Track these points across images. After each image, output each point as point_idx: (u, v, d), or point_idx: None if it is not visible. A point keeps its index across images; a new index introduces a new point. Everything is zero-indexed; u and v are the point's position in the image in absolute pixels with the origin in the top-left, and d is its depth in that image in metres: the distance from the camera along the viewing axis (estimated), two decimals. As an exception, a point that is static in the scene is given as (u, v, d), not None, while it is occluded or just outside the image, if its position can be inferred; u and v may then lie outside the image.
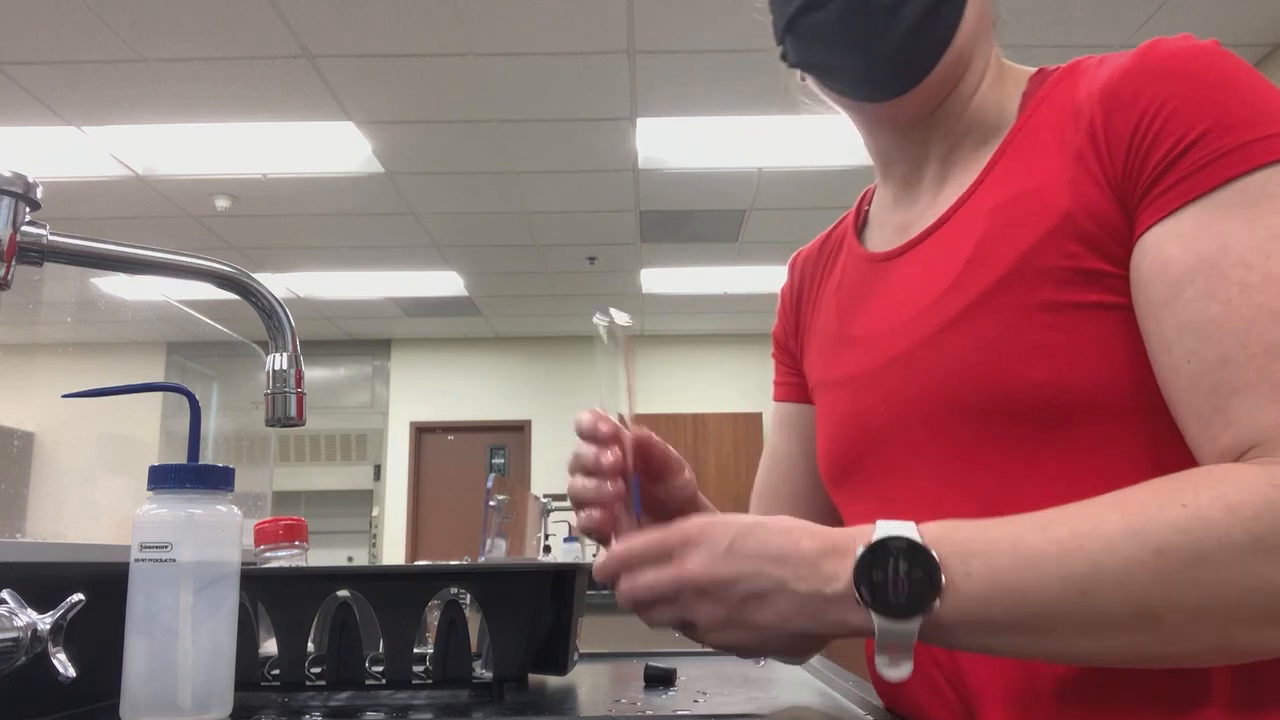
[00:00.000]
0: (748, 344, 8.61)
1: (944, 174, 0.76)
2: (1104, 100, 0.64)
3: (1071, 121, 0.66)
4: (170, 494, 0.67)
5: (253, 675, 0.90)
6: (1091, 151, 0.64)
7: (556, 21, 3.67)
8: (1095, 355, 0.62)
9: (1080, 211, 0.63)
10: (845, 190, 5.33)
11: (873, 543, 0.55)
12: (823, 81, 0.77)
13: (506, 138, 4.67)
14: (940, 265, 0.71)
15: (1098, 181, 0.63)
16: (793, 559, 0.57)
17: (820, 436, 0.82)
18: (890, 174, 0.81)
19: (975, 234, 0.69)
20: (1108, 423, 0.62)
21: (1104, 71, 0.65)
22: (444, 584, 0.92)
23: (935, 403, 0.69)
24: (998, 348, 0.65)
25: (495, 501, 1.05)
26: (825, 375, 0.82)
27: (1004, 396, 0.64)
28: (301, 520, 1.04)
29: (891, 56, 0.70)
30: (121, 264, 0.75)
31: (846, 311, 0.81)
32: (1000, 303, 0.65)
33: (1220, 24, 3.62)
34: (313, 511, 7.38)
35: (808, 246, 0.93)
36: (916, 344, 0.71)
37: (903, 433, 0.71)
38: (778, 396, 0.95)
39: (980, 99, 0.74)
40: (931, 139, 0.76)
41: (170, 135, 4.58)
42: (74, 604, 0.68)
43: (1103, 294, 0.62)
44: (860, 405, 0.76)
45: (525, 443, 8.55)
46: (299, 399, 0.80)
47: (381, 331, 8.57)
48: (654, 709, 0.85)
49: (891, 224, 0.80)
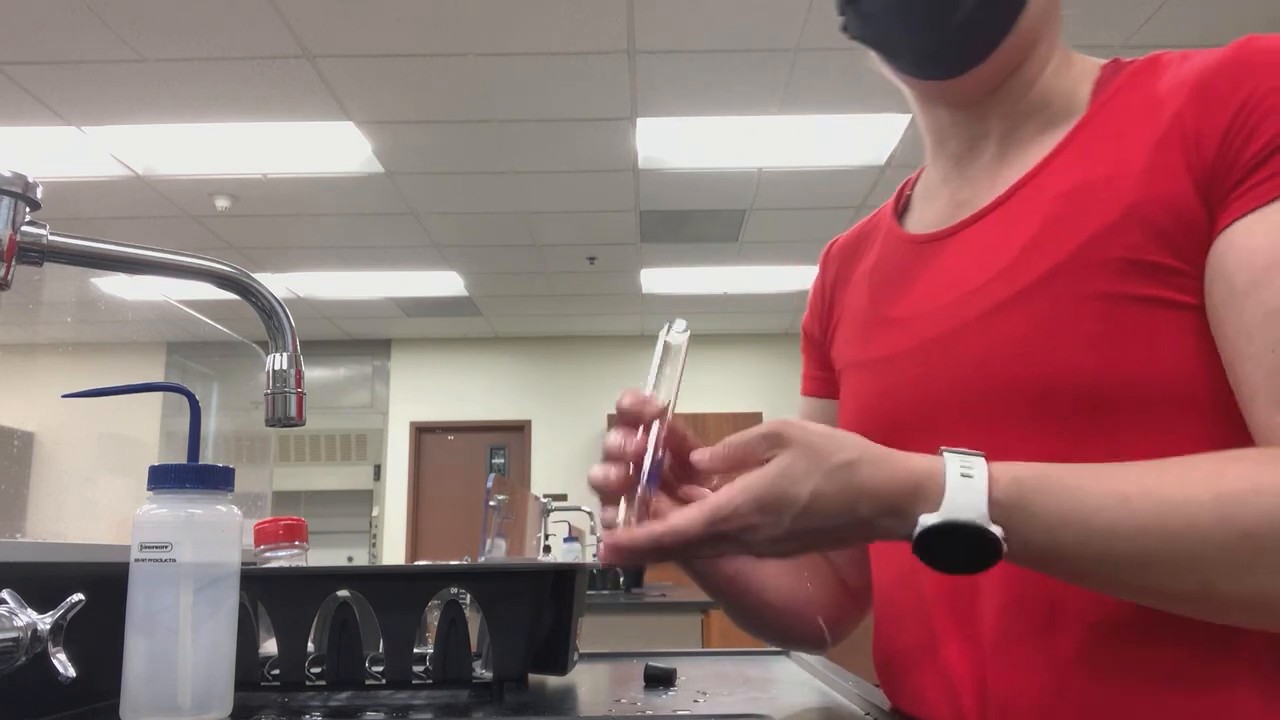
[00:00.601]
0: (748, 344, 8.61)
1: (1003, 155, 0.74)
2: (1196, 92, 0.63)
3: (1151, 112, 0.65)
4: (170, 494, 0.67)
5: (253, 675, 0.90)
6: (1178, 141, 0.62)
7: (556, 21, 3.67)
8: (1148, 350, 0.61)
9: (1151, 202, 0.62)
10: (845, 190, 5.35)
11: (937, 524, 0.55)
12: (882, 55, 0.75)
13: (506, 138, 4.67)
14: (993, 248, 0.70)
15: (1178, 172, 0.62)
16: (849, 525, 0.57)
17: (844, 417, 0.81)
18: (942, 151, 0.79)
19: (1037, 218, 0.67)
20: (1149, 419, 0.61)
21: (1193, 65, 0.65)
22: (444, 584, 0.92)
23: (970, 387, 0.68)
24: (1044, 335, 0.64)
25: (495, 501, 1.05)
26: (855, 356, 0.81)
27: (1043, 385, 0.64)
28: (301, 520, 1.04)
29: (953, 34, 0.69)
30: (121, 264, 0.75)
31: (882, 293, 0.80)
32: (1053, 290, 0.64)
33: (1220, 24, 3.62)
34: (313, 511, 7.36)
35: (843, 236, 0.92)
36: (958, 326, 0.70)
37: (933, 416, 0.70)
38: (804, 390, 0.93)
39: (1046, 82, 0.73)
40: (990, 118, 0.75)
41: (170, 135, 4.58)
42: (74, 604, 0.68)
43: (1162, 289, 0.62)
44: (891, 386, 0.75)
45: (525, 443, 8.55)
46: (299, 399, 0.79)
47: (381, 331, 8.57)
48: (654, 709, 0.85)
49: (939, 204, 0.79)
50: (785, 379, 8.42)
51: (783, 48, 3.87)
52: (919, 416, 0.71)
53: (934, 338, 0.71)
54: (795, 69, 4.03)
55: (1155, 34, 3.64)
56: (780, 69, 4.04)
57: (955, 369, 0.69)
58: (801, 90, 4.20)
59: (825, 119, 4.50)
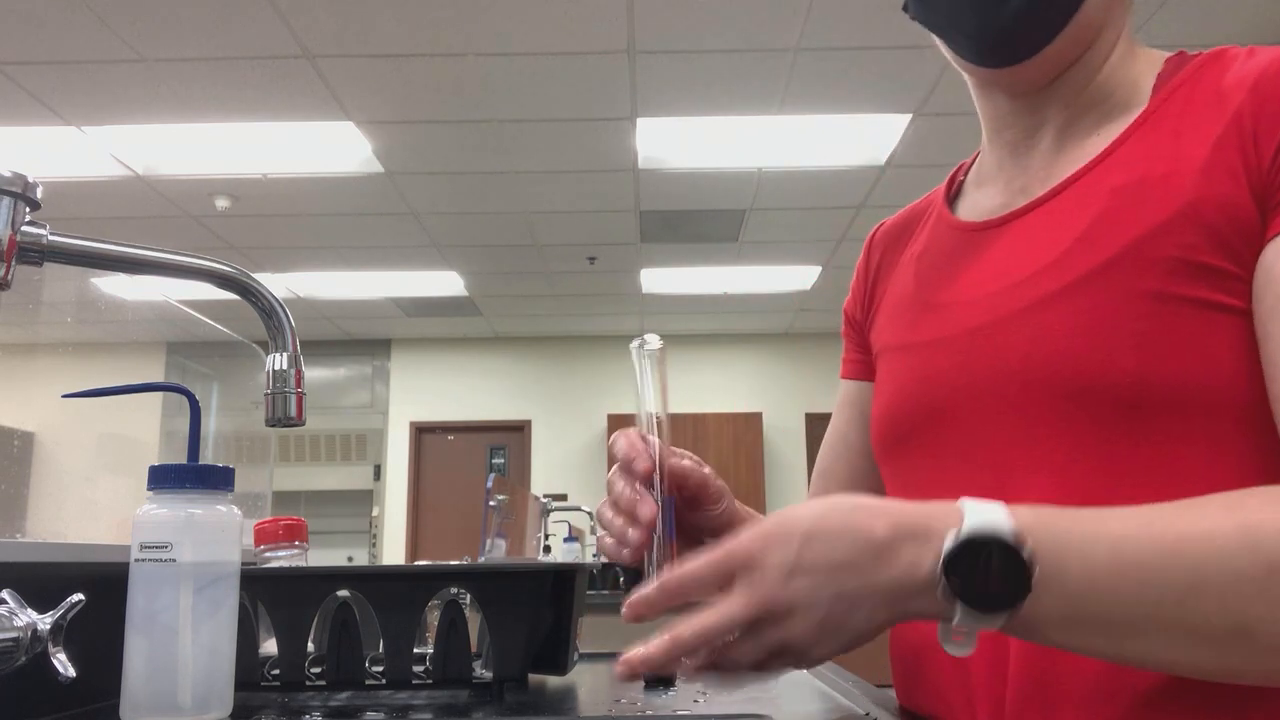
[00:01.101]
0: (748, 344, 8.60)
1: (1060, 145, 0.73)
2: (1258, 90, 0.61)
3: (1213, 109, 0.64)
4: (170, 494, 0.67)
5: (253, 675, 0.90)
6: (1236, 140, 0.61)
7: (556, 21, 3.67)
8: (1191, 352, 0.60)
9: (1207, 201, 0.61)
10: (845, 190, 5.35)
11: (964, 538, 0.51)
12: (942, 39, 0.75)
13: (506, 138, 4.67)
14: (1044, 239, 0.69)
15: (1235, 172, 0.61)
16: (868, 554, 0.52)
17: (879, 399, 0.80)
18: (999, 139, 0.78)
19: (1091, 211, 0.66)
20: (1187, 423, 0.60)
21: (1258, 61, 0.63)
22: (444, 584, 0.92)
23: (1012, 378, 0.67)
24: (1089, 331, 0.63)
25: (495, 501, 1.05)
26: (896, 339, 0.80)
27: (1083, 382, 0.62)
28: (301, 520, 1.04)
29: (1009, 24, 0.68)
30: (121, 264, 0.75)
31: (929, 278, 0.79)
32: (1102, 286, 0.63)
33: (1219, 25, 3.62)
34: (313, 511, 7.37)
35: (890, 220, 0.91)
36: (1004, 316, 0.69)
37: (971, 404, 0.69)
38: (843, 373, 0.93)
39: (1108, 73, 0.72)
40: (1049, 107, 0.74)
41: (170, 135, 4.58)
42: (74, 604, 0.68)
43: (1212, 291, 0.60)
44: (930, 371, 0.74)
45: (525, 443, 8.55)
46: (299, 399, 0.79)
47: (381, 331, 8.57)
48: (654, 709, 0.85)
49: (992, 192, 0.78)
50: (785, 379, 8.43)
51: (783, 48, 3.87)
52: (957, 404, 0.71)
53: (978, 326, 0.71)
54: (795, 69, 4.03)
55: (1154, 35, 3.64)
56: (780, 69, 4.04)
57: (997, 359, 0.68)
58: (801, 90, 4.20)
59: (825, 119, 4.50)
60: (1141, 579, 0.51)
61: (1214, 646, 0.51)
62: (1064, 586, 0.51)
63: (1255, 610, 0.50)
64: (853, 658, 1.09)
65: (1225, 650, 0.51)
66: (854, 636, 0.54)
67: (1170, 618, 0.51)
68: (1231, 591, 0.50)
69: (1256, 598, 0.50)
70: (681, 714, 0.83)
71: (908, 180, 5.17)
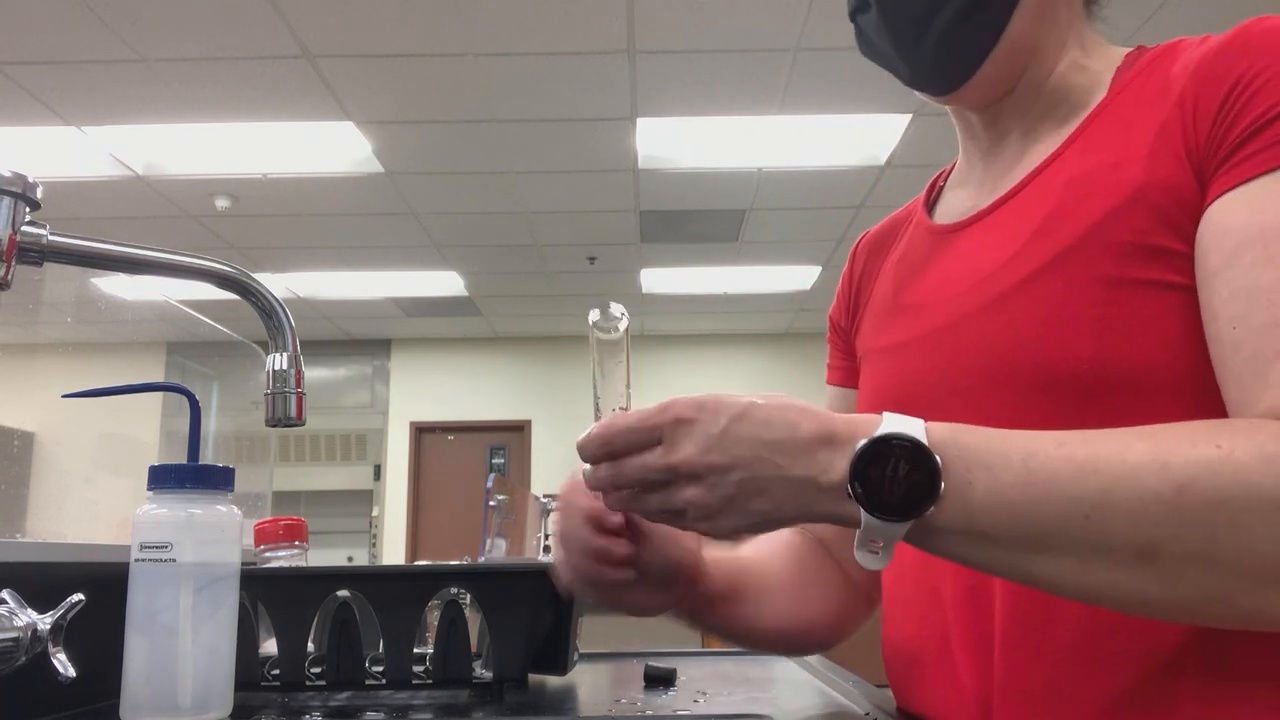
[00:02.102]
0: (748, 344, 8.60)
1: (1025, 147, 0.75)
2: (1198, 72, 0.63)
3: (1161, 95, 0.65)
4: (170, 494, 0.67)
5: (253, 675, 0.90)
6: (1177, 122, 0.62)
7: (556, 21, 3.67)
8: (1145, 334, 0.61)
9: (1155, 185, 0.62)
10: (845, 190, 5.35)
11: (875, 437, 0.53)
12: (890, 72, 0.78)
13: (506, 138, 4.67)
14: (1005, 236, 0.70)
15: (1177, 153, 0.62)
16: (789, 446, 0.55)
17: (861, 403, 0.82)
18: (971, 145, 0.81)
19: (1046, 206, 0.68)
20: (1152, 403, 0.60)
21: (1203, 47, 0.65)
22: (444, 584, 0.92)
23: (976, 372, 0.68)
24: (1048, 320, 0.64)
25: (495, 501, 1.05)
26: (874, 343, 0.82)
27: (1045, 370, 0.64)
28: (301, 520, 1.04)
29: (929, 60, 0.72)
30: (121, 264, 0.75)
31: (905, 281, 0.80)
32: (1060, 275, 0.64)
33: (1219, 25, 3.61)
34: (313, 511, 7.37)
35: (873, 229, 0.93)
36: (968, 313, 0.70)
37: (944, 401, 0.70)
38: (829, 380, 0.94)
39: (1059, 80, 0.73)
40: (1008, 119, 0.76)
41: (170, 135, 4.57)
42: (74, 604, 0.68)
43: (1165, 272, 0.61)
44: (906, 371, 0.75)
45: (525, 443, 8.55)
46: (299, 399, 0.79)
47: (381, 331, 8.57)
48: (654, 709, 0.85)
49: (965, 194, 0.80)
50: (785, 379, 8.42)
51: (783, 48, 3.87)
52: (930, 402, 0.71)
53: (946, 324, 0.72)
54: (795, 69, 4.03)
55: (1154, 34, 3.63)
56: (780, 69, 4.03)
57: (963, 355, 0.70)
58: (801, 90, 4.20)
59: (825, 119, 4.50)
60: (1049, 493, 0.52)
61: (1122, 567, 0.51)
62: (969, 497, 0.53)
63: (1162, 530, 0.50)
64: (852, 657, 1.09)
65: (1134, 573, 0.51)
66: (759, 519, 0.57)
67: (1077, 534, 0.51)
68: (1140, 510, 0.50)
69: (1164, 519, 0.50)
70: (681, 714, 0.83)
71: (908, 180, 5.16)
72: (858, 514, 0.54)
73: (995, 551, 0.54)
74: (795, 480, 0.55)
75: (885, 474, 0.53)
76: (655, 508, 0.59)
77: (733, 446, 0.56)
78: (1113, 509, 0.51)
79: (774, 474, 0.55)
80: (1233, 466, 0.50)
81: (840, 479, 0.54)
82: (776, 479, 0.55)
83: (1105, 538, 0.51)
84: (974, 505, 0.53)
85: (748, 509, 0.56)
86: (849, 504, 0.54)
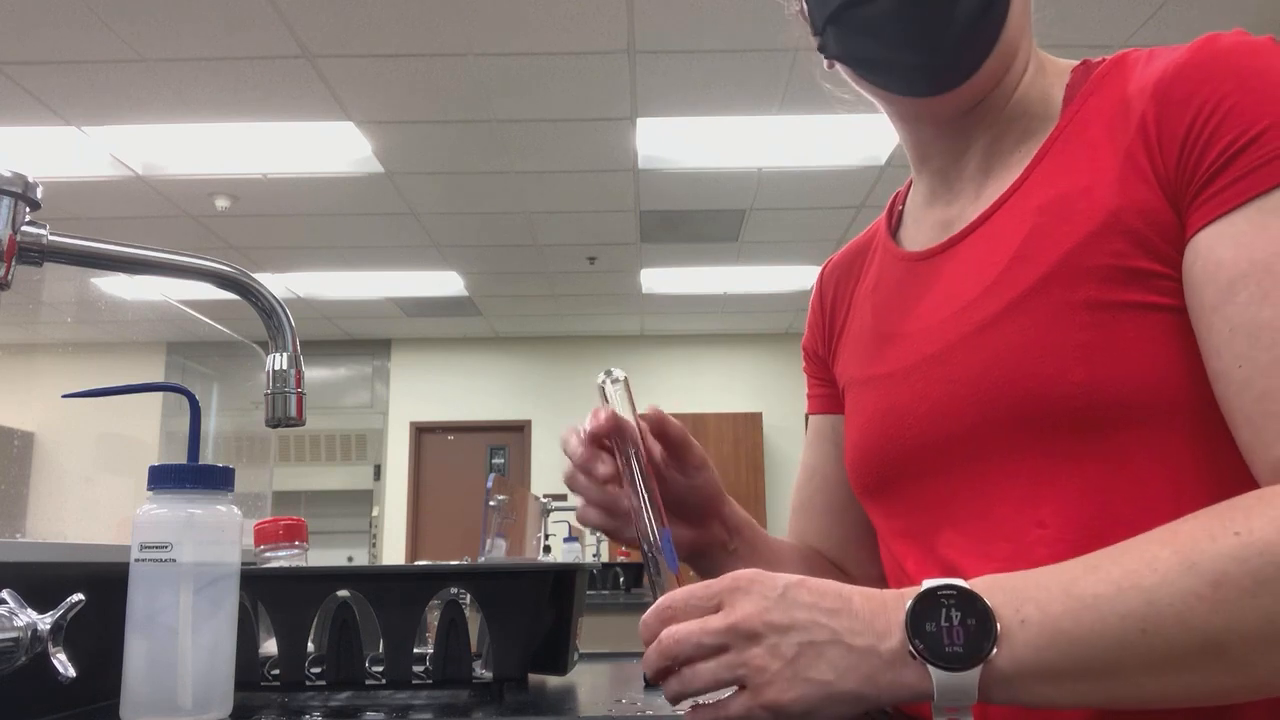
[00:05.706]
0: (748, 344, 8.60)
1: (986, 167, 0.74)
2: (1157, 96, 0.62)
3: (1120, 117, 0.65)
4: (170, 494, 0.67)
5: (253, 675, 0.90)
6: (1142, 148, 0.63)
7: (556, 21, 3.67)
8: (1135, 357, 0.61)
9: (1128, 209, 0.62)
10: (845, 190, 5.35)
11: (922, 591, 0.54)
12: (865, 75, 0.74)
13: (506, 138, 4.67)
14: (983, 262, 0.70)
15: (1147, 179, 0.62)
16: (845, 613, 0.55)
17: (850, 433, 0.81)
18: (926, 167, 0.79)
19: (1021, 231, 0.68)
20: (1148, 425, 0.61)
21: (1156, 66, 0.64)
22: (444, 584, 0.92)
23: (968, 401, 0.68)
24: (1035, 347, 0.64)
25: (495, 501, 1.05)
26: (859, 373, 0.81)
27: (1039, 397, 0.63)
28: (301, 520, 1.04)
29: (952, 48, 0.69)
30: (121, 264, 0.75)
31: (883, 311, 0.80)
32: (1042, 301, 0.64)
33: (1220, 25, 3.61)
34: (313, 511, 7.38)
35: (837, 255, 0.92)
36: (954, 341, 0.70)
37: (936, 431, 0.70)
38: (811, 409, 0.94)
39: (1023, 91, 0.73)
40: (974, 131, 0.75)
41: (170, 135, 4.58)
42: (74, 604, 0.68)
43: (1148, 294, 0.61)
44: (893, 402, 0.75)
45: (525, 443, 8.55)
46: (299, 399, 0.79)
47: (381, 331, 8.57)
48: (654, 709, 0.85)
49: (929, 220, 0.79)
50: (785, 379, 8.43)
51: (783, 48, 3.87)
52: (919, 432, 0.72)
53: (932, 354, 0.72)
54: (795, 69, 4.03)
55: (1154, 34, 3.64)
56: (780, 69, 4.04)
57: (952, 384, 0.69)
58: (801, 90, 4.20)
59: (825, 119, 4.50)
60: (1100, 616, 0.52)
61: (1195, 670, 0.51)
62: (1027, 633, 0.52)
63: (1215, 624, 0.50)
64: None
65: (1207, 673, 0.51)
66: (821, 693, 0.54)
67: (1141, 649, 0.51)
68: (1186, 612, 0.51)
69: (1212, 614, 0.50)
70: (682, 714, 0.83)
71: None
72: (923, 682, 0.53)
73: (1071, 684, 0.53)
74: (856, 650, 0.54)
75: (941, 626, 0.53)
76: (713, 675, 0.56)
77: (791, 608, 0.55)
78: (1162, 619, 0.51)
79: (833, 639, 0.54)
80: (1259, 549, 0.50)
81: (899, 643, 0.53)
82: (836, 645, 0.54)
83: (1167, 647, 0.51)
84: (1035, 641, 0.52)
85: (809, 676, 0.54)
86: (913, 668, 0.53)
